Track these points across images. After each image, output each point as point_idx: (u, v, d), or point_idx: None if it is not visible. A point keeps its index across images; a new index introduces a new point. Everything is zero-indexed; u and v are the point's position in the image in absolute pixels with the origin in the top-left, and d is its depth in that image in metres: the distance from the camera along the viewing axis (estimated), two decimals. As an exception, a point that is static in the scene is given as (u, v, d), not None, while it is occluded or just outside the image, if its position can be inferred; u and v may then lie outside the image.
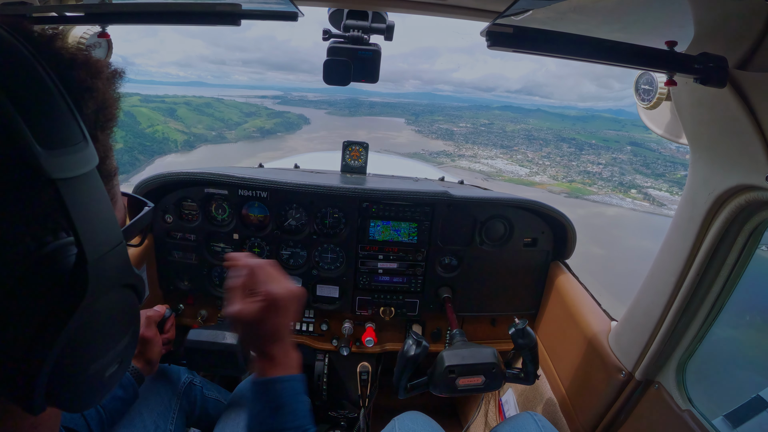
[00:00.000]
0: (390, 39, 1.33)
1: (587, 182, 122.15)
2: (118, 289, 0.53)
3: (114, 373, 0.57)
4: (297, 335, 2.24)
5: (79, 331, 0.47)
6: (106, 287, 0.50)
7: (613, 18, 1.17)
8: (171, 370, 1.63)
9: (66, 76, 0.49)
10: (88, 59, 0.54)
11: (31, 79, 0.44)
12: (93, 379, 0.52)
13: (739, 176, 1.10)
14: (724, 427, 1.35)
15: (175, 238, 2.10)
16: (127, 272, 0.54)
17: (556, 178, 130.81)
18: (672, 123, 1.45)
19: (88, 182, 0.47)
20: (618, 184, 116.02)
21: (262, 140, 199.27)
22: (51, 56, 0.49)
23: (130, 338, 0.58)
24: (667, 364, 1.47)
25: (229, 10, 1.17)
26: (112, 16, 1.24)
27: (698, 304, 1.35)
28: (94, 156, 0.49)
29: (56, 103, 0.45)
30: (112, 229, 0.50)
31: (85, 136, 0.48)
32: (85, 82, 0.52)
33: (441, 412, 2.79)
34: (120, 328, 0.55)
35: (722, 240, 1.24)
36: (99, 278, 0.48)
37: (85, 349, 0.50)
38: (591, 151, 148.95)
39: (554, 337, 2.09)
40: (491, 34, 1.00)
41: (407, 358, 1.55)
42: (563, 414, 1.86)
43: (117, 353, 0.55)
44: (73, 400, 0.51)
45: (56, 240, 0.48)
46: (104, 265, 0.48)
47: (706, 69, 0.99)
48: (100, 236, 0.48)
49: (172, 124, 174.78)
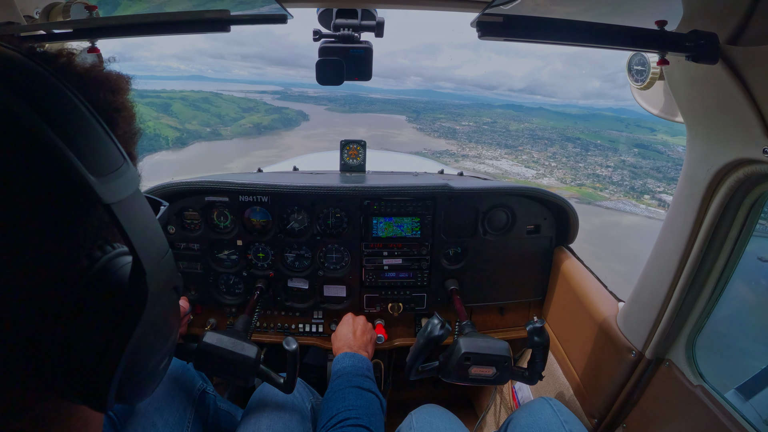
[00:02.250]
0: (381, 35, 1.33)
1: (598, 186, 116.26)
2: (169, 292, 0.56)
3: (166, 364, 0.62)
4: (307, 337, 2.25)
5: (143, 334, 0.50)
6: (161, 292, 0.53)
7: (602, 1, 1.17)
8: (185, 377, 1.62)
9: (93, 95, 0.51)
10: (107, 77, 0.56)
11: (65, 104, 0.45)
12: (152, 373, 0.57)
13: (737, 150, 1.11)
14: (736, 400, 1.36)
15: (179, 248, 2.11)
16: (175, 276, 0.58)
17: (564, 181, 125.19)
18: (667, 102, 1.45)
19: (135, 201, 0.49)
20: (629, 188, 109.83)
21: (258, 137, 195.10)
22: (73, 78, 0.50)
23: (176, 332, 0.63)
24: (676, 341, 1.48)
25: (218, 17, 1.16)
26: (101, 31, 1.24)
27: (703, 279, 1.36)
28: (137, 175, 0.52)
29: (93, 127, 0.47)
30: (160, 240, 0.54)
31: (124, 158, 0.50)
32: (113, 103, 0.54)
33: (455, 404, 2.80)
34: (171, 326, 0.60)
35: (723, 214, 1.25)
36: (156, 286, 0.50)
37: (148, 349, 0.54)
38: (597, 152, 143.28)
39: (563, 321, 2.10)
40: (481, 24, 1.00)
41: (431, 338, 1.55)
42: (577, 397, 1.87)
43: (169, 347, 0.60)
44: (135, 394, 0.55)
45: (104, 254, 0.50)
46: (158, 273, 0.51)
47: (697, 46, 0.99)
48: (152, 248, 0.51)
49: (165, 120, 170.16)
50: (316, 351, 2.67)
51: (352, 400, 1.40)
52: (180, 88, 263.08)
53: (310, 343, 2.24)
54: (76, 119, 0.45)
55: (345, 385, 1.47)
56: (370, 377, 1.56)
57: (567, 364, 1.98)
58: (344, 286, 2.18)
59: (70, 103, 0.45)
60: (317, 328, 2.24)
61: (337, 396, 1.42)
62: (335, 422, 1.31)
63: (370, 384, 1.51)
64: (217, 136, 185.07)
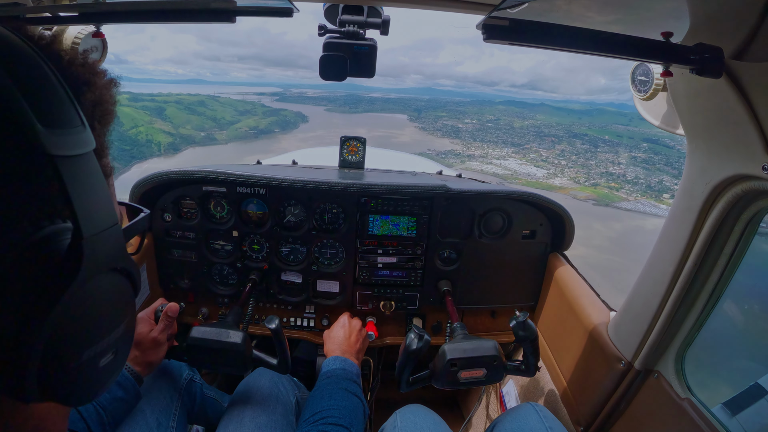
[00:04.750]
0: (386, 33, 1.33)
1: (613, 186, 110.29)
2: (111, 273, 0.54)
3: (109, 363, 0.56)
4: (298, 331, 2.25)
5: (71, 313, 0.47)
6: (99, 267, 0.50)
7: (608, 9, 1.17)
8: (172, 367, 1.64)
9: (66, 70, 0.52)
10: (86, 60, 0.58)
11: (33, 67, 0.47)
12: (87, 367, 0.52)
13: (736, 166, 1.11)
14: (723, 415, 1.36)
15: (174, 236, 2.11)
16: (122, 255, 0.55)
17: (577, 181, 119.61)
18: (668, 114, 1.45)
19: (85, 163, 0.48)
20: (646, 187, 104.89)
21: (255, 141, 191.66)
22: (51, 54, 0.52)
23: (125, 329, 0.58)
24: (666, 354, 1.48)
25: (223, 7, 1.16)
26: (106, 15, 1.23)
27: (696, 293, 1.36)
28: (92, 140, 0.50)
29: (56, 89, 0.48)
30: (107, 209, 0.51)
31: (83, 122, 0.50)
32: (84, 77, 0.55)
33: (442, 405, 2.81)
34: (114, 316, 0.55)
35: (719, 229, 1.25)
36: (93, 256, 0.49)
37: (77, 334, 0.50)
38: (607, 148, 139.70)
39: (554, 328, 2.10)
40: (487, 27, 1.00)
41: (409, 351, 1.56)
42: (564, 404, 1.87)
43: (111, 342, 0.55)
44: (69, 391, 0.51)
45: (52, 225, 0.49)
46: (99, 244, 0.49)
47: (701, 59, 0.99)
48: (96, 214, 0.49)
49: (159, 125, 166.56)
50: (306, 345, 2.67)
51: (338, 400, 1.41)
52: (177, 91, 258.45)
53: (300, 337, 2.24)
54: (36, 75, 0.46)
55: (333, 386, 1.49)
56: (357, 383, 1.58)
57: (556, 371, 1.98)
58: (337, 282, 2.18)
59: (35, 64, 0.47)
60: (309, 323, 2.24)
61: (324, 394, 1.44)
62: (318, 418, 1.33)
63: (357, 389, 1.53)
64: (212, 141, 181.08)
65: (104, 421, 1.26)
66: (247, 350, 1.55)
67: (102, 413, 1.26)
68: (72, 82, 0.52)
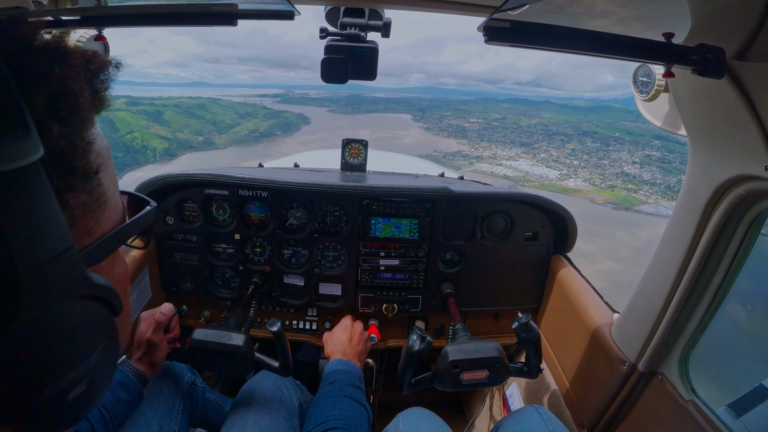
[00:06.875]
0: (387, 36, 1.33)
1: (631, 187, 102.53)
2: (74, 302, 0.47)
3: (82, 394, 0.51)
4: (300, 334, 2.25)
5: (19, 354, 0.42)
6: (52, 300, 0.44)
7: (610, 11, 1.17)
8: (175, 370, 1.63)
9: (16, 60, 0.43)
10: (48, 45, 0.48)
11: None
12: (52, 402, 0.48)
13: (739, 166, 1.11)
14: (727, 416, 1.35)
15: (176, 239, 2.11)
16: (84, 283, 0.48)
17: (593, 183, 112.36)
18: (670, 114, 1.45)
19: (22, 177, 0.39)
20: (665, 188, 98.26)
21: (255, 145, 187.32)
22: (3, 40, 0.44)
23: (100, 355, 0.52)
24: (669, 355, 1.47)
25: (225, 11, 1.16)
26: (109, 19, 1.24)
27: (700, 294, 1.36)
28: (37, 147, 0.40)
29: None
30: (55, 233, 0.43)
31: (26, 125, 0.39)
32: (38, 67, 0.45)
33: (445, 407, 2.80)
34: (83, 345, 0.50)
35: (722, 230, 1.24)
36: (39, 290, 0.42)
37: (36, 369, 0.45)
38: (619, 147, 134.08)
39: (557, 330, 2.09)
40: (488, 29, 1.00)
41: (412, 353, 1.56)
42: (567, 406, 1.87)
43: (82, 373, 0.50)
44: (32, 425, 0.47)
45: None
46: (46, 274, 0.43)
47: (703, 60, 0.98)
48: (39, 240, 0.42)
49: (155, 130, 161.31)
50: (309, 348, 2.67)
51: (342, 409, 1.40)
52: (179, 95, 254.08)
53: (303, 340, 2.24)
54: None
55: (337, 393, 1.47)
56: (361, 388, 1.57)
57: (559, 373, 1.97)
58: (340, 285, 2.18)
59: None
60: (311, 326, 2.24)
61: (328, 403, 1.43)
62: (324, 429, 1.32)
63: (361, 396, 1.52)
64: (210, 146, 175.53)
65: (108, 422, 1.26)
66: (248, 353, 1.54)
67: (106, 415, 1.27)
68: (21, 73, 0.43)
